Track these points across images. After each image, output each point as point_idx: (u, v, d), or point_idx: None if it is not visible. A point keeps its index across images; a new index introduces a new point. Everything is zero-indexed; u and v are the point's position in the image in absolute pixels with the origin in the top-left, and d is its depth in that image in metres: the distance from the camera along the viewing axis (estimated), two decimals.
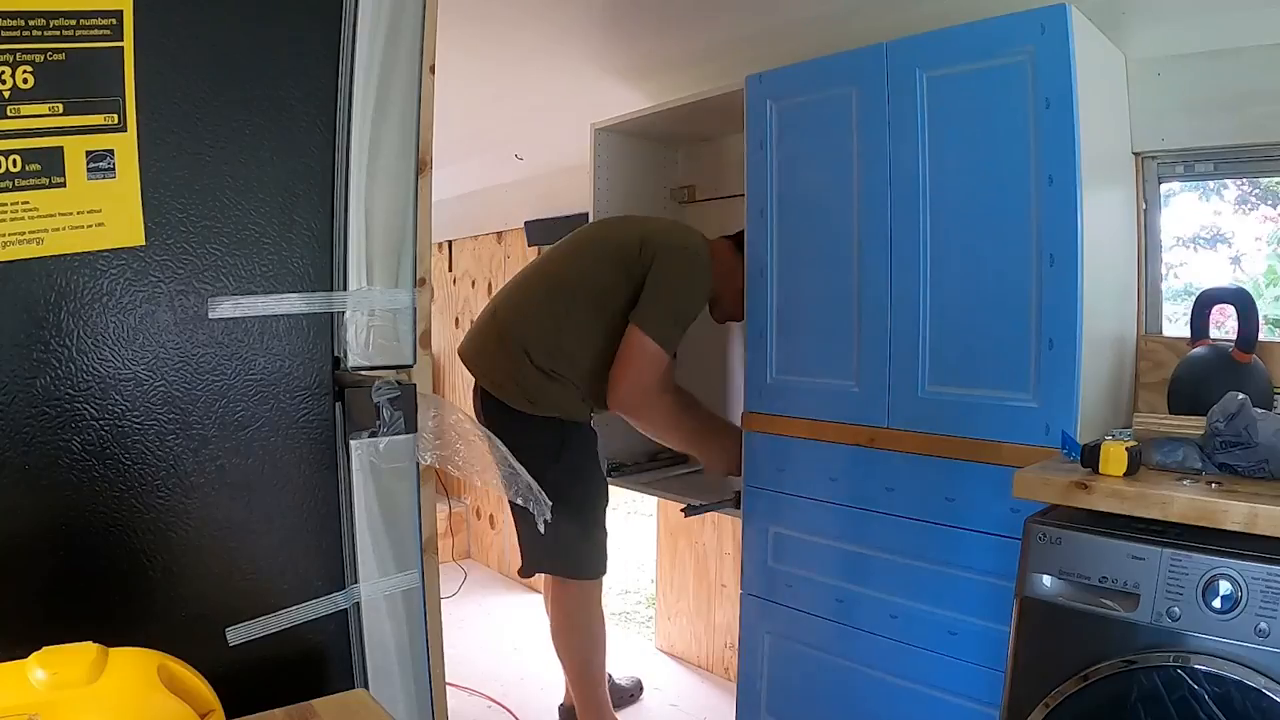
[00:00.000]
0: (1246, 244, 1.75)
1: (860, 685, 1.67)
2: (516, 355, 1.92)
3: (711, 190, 2.51)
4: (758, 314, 1.84)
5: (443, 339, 4.00)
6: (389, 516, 1.18)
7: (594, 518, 2.02)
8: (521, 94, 2.68)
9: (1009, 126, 1.42)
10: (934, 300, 1.54)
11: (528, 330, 1.94)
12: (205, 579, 1.03)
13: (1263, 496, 1.03)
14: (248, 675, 1.03)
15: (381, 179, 1.16)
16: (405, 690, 1.22)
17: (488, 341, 2.00)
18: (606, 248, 2.00)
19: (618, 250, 1.97)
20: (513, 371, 1.92)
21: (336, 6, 1.09)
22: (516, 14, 2.11)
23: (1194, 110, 1.59)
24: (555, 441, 1.93)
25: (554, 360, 1.92)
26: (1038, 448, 1.38)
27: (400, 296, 1.18)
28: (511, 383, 1.93)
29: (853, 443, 1.66)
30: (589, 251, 2.03)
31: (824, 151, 1.70)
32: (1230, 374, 1.37)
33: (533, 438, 1.89)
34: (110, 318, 0.95)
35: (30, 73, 0.87)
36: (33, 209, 0.88)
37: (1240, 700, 0.97)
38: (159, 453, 0.99)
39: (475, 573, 3.63)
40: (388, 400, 1.10)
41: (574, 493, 1.95)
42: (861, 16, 1.86)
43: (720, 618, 2.66)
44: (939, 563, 1.53)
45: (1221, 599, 1.00)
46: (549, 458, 1.90)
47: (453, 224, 3.75)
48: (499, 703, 2.49)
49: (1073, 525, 1.14)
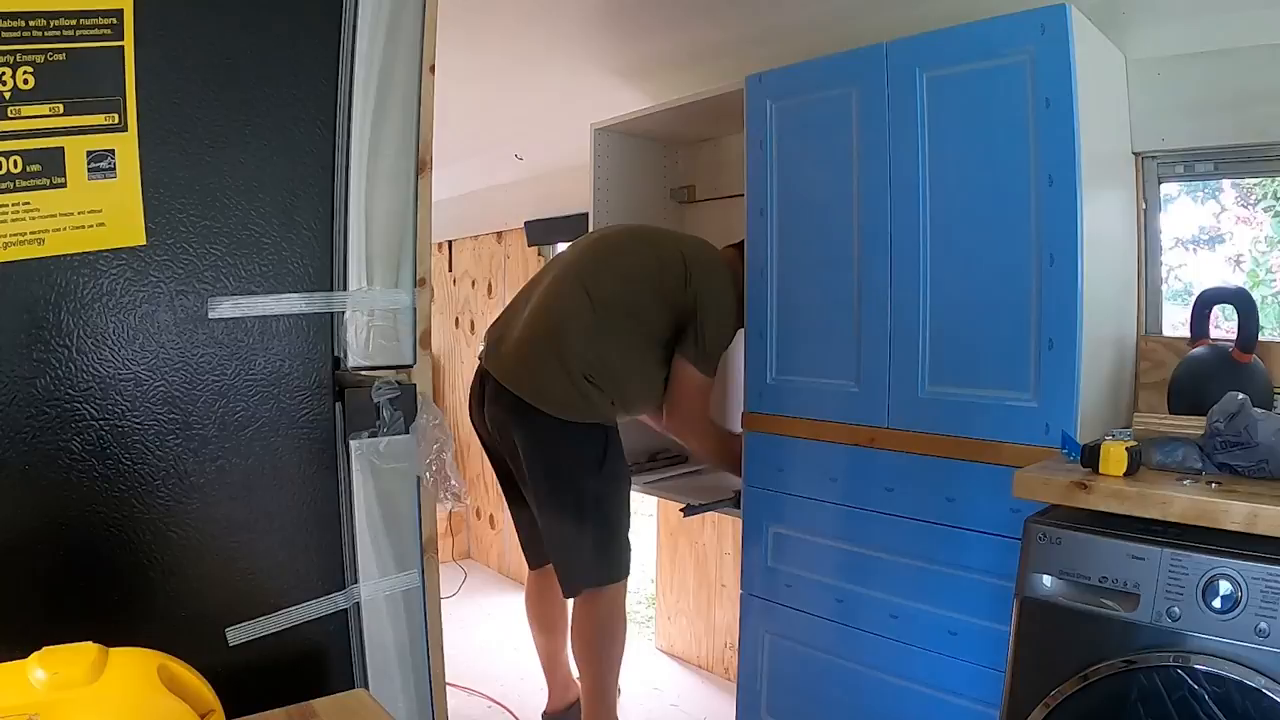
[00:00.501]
0: (1241, 245, 1.75)
1: (860, 685, 1.67)
2: (559, 361, 1.88)
3: (711, 190, 2.51)
4: (758, 314, 1.84)
5: (443, 339, 4.00)
6: (389, 516, 1.18)
7: (628, 520, 2.02)
8: (521, 94, 2.68)
9: (1009, 126, 1.42)
10: (934, 300, 1.54)
11: (567, 335, 1.90)
12: (205, 579, 1.03)
13: (1263, 496, 1.03)
14: (248, 675, 1.03)
15: (381, 179, 1.16)
16: (405, 690, 1.22)
17: (525, 350, 1.93)
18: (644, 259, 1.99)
19: (659, 264, 1.96)
20: (556, 378, 1.87)
21: (336, 6, 1.09)
22: (516, 14, 2.11)
23: (1194, 110, 1.59)
24: (599, 449, 1.92)
25: (592, 366, 1.89)
26: (1038, 448, 1.38)
27: (400, 296, 1.19)
28: (554, 390, 1.88)
29: (853, 443, 1.66)
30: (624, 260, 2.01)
31: (824, 152, 1.70)
32: (1230, 374, 1.37)
33: (576, 446, 1.90)
34: (110, 318, 0.95)
35: (31, 73, 0.87)
36: (34, 209, 0.88)
37: (1240, 700, 0.97)
38: (159, 453, 0.99)
39: (475, 573, 3.63)
40: (388, 400, 1.10)
41: (616, 500, 1.96)
42: (861, 16, 1.86)
43: (720, 618, 2.66)
44: (939, 563, 1.53)
45: (1221, 599, 1.00)
46: (594, 465, 1.91)
47: (453, 224, 3.75)
48: (499, 703, 2.49)
49: (1073, 525, 1.14)
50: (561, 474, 1.91)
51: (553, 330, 1.91)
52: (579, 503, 1.90)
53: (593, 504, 1.91)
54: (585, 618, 2.01)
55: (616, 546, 1.97)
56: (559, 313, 1.93)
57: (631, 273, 1.97)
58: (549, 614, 2.23)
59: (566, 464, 1.91)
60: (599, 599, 1.98)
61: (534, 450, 1.91)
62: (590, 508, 1.91)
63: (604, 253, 2.06)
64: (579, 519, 1.90)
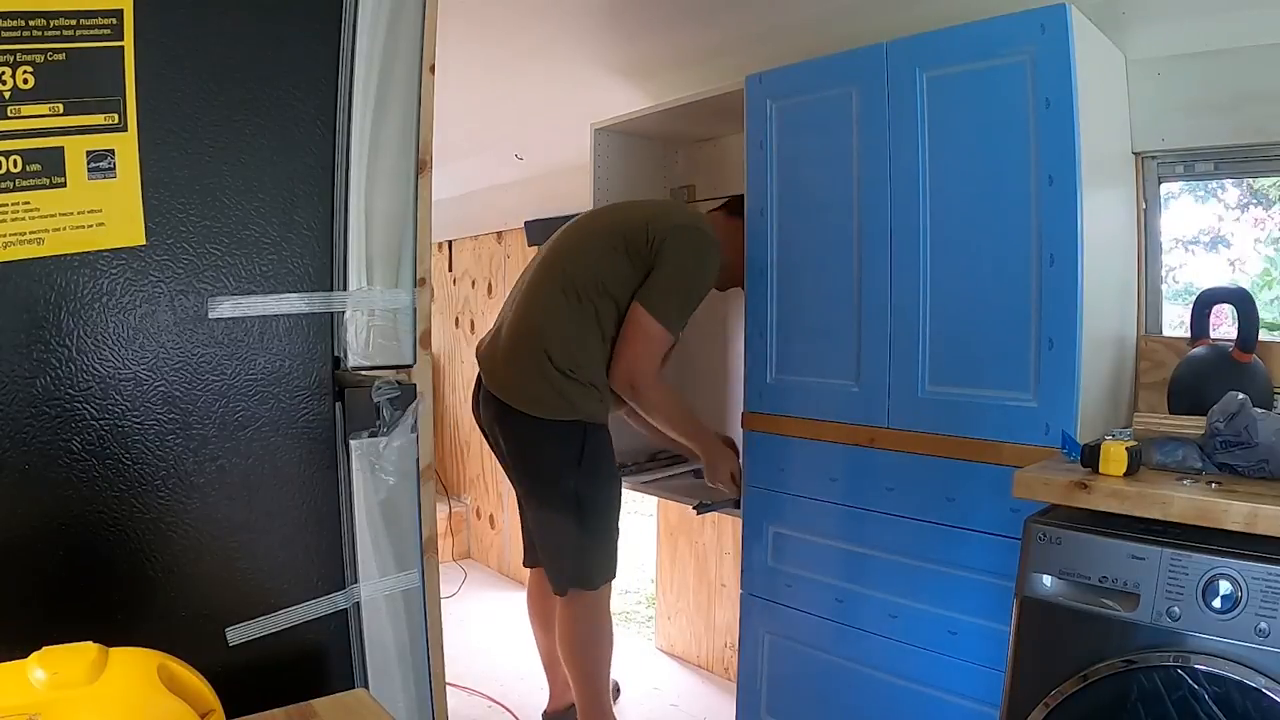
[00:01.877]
0: (1245, 247, 1.75)
1: (860, 685, 1.67)
2: (538, 359, 1.87)
3: (711, 190, 2.51)
4: (758, 314, 1.84)
5: (443, 339, 4.00)
6: (389, 516, 1.18)
7: (613, 522, 1.99)
8: (521, 94, 2.68)
9: (1009, 126, 1.42)
10: (934, 300, 1.54)
11: (546, 331, 1.88)
12: (205, 579, 1.03)
13: (1263, 496, 1.03)
14: (248, 675, 1.03)
15: (381, 179, 1.15)
16: (405, 690, 1.22)
17: (507, 350, 1.93)
18: (612, 236, 1.94)
19: (624, 236, 1.92)
20: (535, 377, 1.87)
21: (336, 6, 1.09)
22: (516, 14, 2.11)
23: (1194, 110, 1.59)
24: (576, 446, 1.89)
25: (574, 359, 1.87)
26: (1038, 448, 1.38)
27: (400, 296, 1.18)
28: (533, 389, 1.87)
29: (853, 443, 1.66)
30: (595, 242, 1.97)
31: (824, 151, 1.70)
32: (1230, 374, 1.37)
33: (554, 443, 1.88)
34: (110, 318, 0.94)
35: (30, 73, 0.87)
36: (33, 209, 0.88)
37: (1240, 700, 0.97)
38: (159, 453, 0.98)
39: (475, 573, 3.63)
40: (388, 400, 1.10)
41: (598, 498, 1.93)
42: (861, 16, 1.86)
43: (720, 618, 2.66)
44: (939, 563, 1.53)
45: (1221, 599, 1.00)
46: (571, 463, 1.88)
47: (453, 224, 3.75)
48: (499, 702, 2.49)
49: (1073, 525, 1.14)
50: (543, 473, 1.91)
51: (532, 330, 1.91)
52: (560, 502, 1.90)
53: (573, 503, 1.89)
54: (568, 620, 2.00)
55: (598, 549, 1.95)
56: (538, 311, 1.92)
57: (600, 248, 1.94)
58: (549, 612, 2.22)
59: (547, 463, 1.90)
60: (579, 602, 1.97)
61: (517, 450, 1.93)
62: (571, 507, 1.89)
63: (573, 238, 2.03)
64: (561, 519, 1.90)
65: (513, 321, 1.96)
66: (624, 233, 1.93)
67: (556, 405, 1.87)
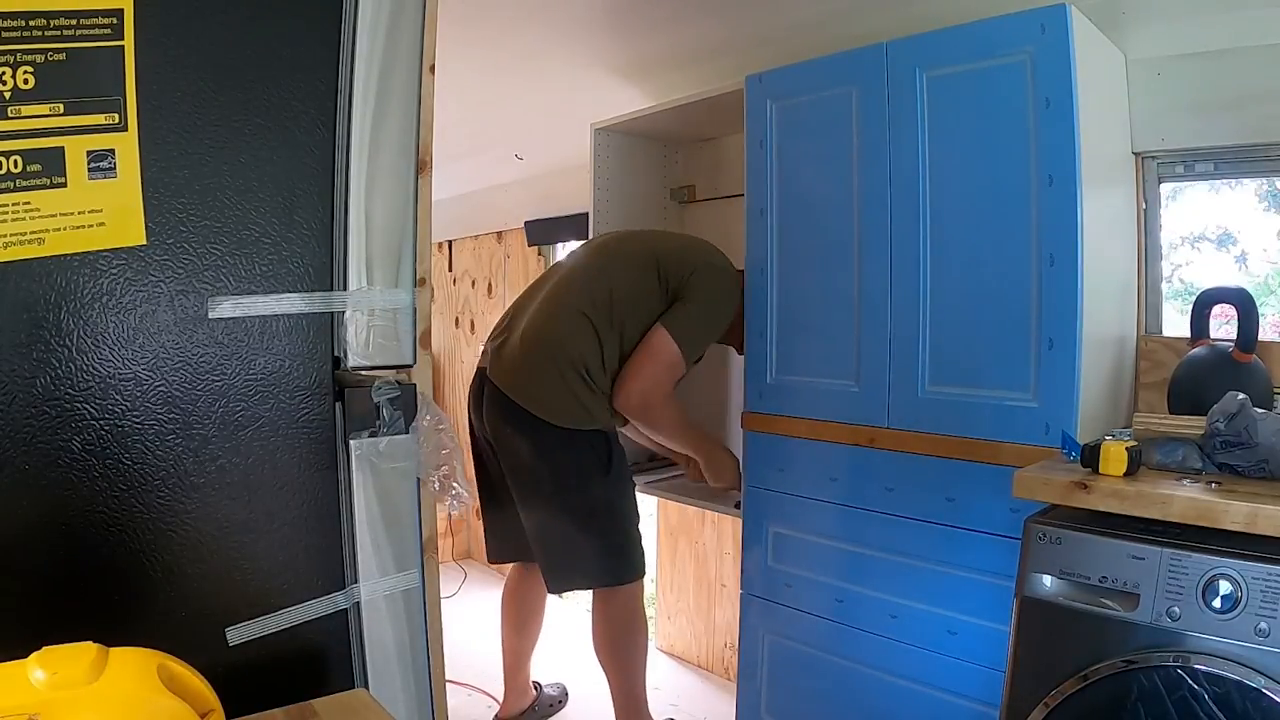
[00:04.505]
0: (1254, 245, 1.75)
1: (860, 685, 1.67)
2: (559, 370, 1.87)
3: (711, 190, 2.51)
4: (758, 314, 1.84)
5: (443, 339, 4.00)
6: (389, 516, 1.18)
7: (637, 520, 2.04)
8: (521, 94, 2.68)
9: (1009, 126, 1.42)
10: (934, 300, 1.54)
11: (568, 344, 1.89)
12: (205, 579, 1.03)
13: (1263, 496, 1.03)
14: (248, 675, 1.03)
15: (381, 179, 1.16)
16: (405, 690, 1.22)
17: (523, 357, 1.92)
18: (646, 259, 1.97)
19: (659, 260, 1.95)
20: (558, 388, 1.88)
21: (336, 6, 1.09)
22: (516, 14, 2.11)
23: (1194, 110, 1.59)
24: (604, 453, 1.94)
25: (593, 373, 1.89)
26: (1038, 448, 1.38)
27: (400, 296, 1.18)
28: (556, 400, 1.88)
29: (853, 443, 1.66)
30: (629, 263, 1.99)
31: (824, 151, 1.70)
32: (1230, 374, 1.37)
33: (582, 452, 1.91)
34: (110, 318, 0.94)
35: (31, 73, 0.87)
36: (34, 209, 0.88)
37: (1240, 700, 0.97)
38: (159, 453, 0.99)
39: (475, 573, 3.63)
40: (388, 400, 1.10)
41: (624, 500, 1.99)
42: (861, 16, 1.86)
43: (720, 618, 2.66)
44: (939, 563, 1.53)
45: (1221, 599, 1.00)
46: (600, 471, 1.92)
47: (453, 224, 3.75)
48: (499, 701, 2.48)
49: (1073, 525, 1.14)
50: (570, 480, 1.92)
51: (552, 339, 1.91)
52: (588, 506, 1.92)
53: (604, 507, 1.93)
54: (606, 619, 2.02)
55: (630, 545, 2.00)
56: (560, 322, 1.92)
57: (635, 269, 1.96)
58: (524, 614, 2.26)
59: (574, 470, 1.91)
60: (617, 597, 1.99)
61: (539, 457, 1.92)
62: (602, 510, 1.93)
63: (602, 257, 2.06)
64: (588, 522, 1.92)
65: (529, 331, 1.95)
66: (658, 256, 1.97)
67: (580, 415, 1.89)
